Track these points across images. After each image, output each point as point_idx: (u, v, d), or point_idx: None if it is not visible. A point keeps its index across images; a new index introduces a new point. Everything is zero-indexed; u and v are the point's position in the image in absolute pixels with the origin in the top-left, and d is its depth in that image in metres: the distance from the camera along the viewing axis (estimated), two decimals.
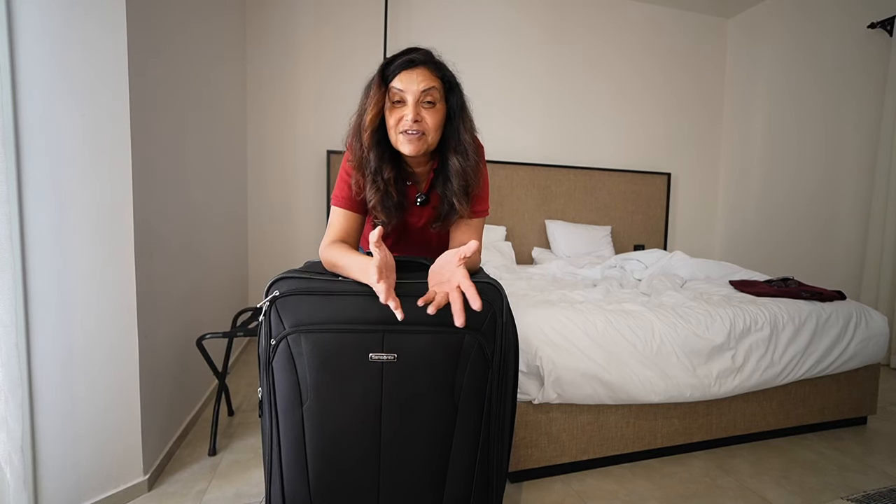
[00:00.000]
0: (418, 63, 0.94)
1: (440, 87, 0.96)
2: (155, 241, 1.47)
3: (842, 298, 1.90)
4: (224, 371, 1.76)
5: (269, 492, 0.87)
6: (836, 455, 1.72)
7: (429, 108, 0.95)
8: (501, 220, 3.35)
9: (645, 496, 1.45)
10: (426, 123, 0.95)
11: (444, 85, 0.98)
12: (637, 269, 2.51)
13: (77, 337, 1.24)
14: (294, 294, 0.84)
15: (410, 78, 0.93)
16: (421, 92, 0.93)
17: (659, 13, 3.68)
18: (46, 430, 1.20)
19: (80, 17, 1.19)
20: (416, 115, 0.93)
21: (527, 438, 1.47)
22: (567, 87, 3.52)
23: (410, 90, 0.93)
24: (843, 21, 3.01)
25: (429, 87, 0.94)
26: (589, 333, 1.49)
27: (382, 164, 0.98)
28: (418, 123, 0.94)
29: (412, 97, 0.93)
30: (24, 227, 1.13)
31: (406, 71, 0.93)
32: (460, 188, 1.01)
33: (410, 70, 0.93)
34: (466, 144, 1.01)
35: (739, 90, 3.78)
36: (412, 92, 0.93)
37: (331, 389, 0.82)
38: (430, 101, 0.95)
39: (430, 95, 0.94)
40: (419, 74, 0.93)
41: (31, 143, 1.13)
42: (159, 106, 1.50)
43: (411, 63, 0.93)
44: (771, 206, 3.50)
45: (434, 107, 0.96)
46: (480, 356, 0.86)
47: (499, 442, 0.92)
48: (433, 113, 0.96)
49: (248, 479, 1.48)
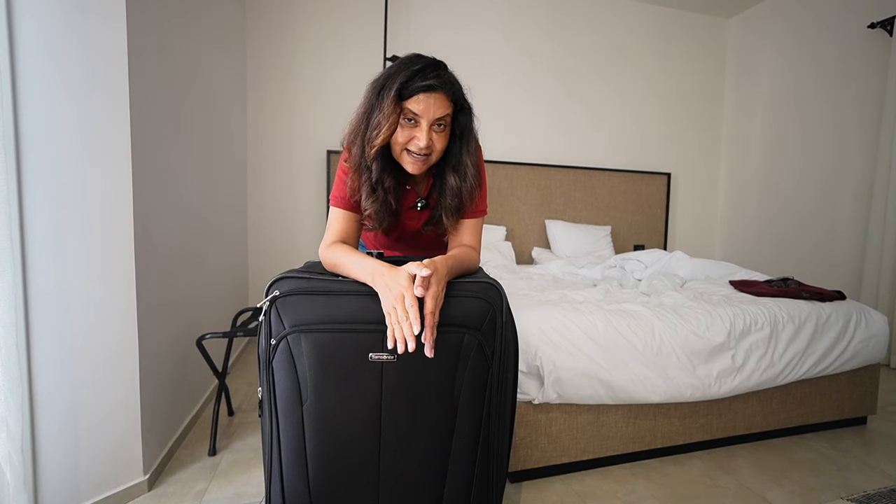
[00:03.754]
0: (437, 88, 0.93)
1: (452, 112, 0.97)
2: (155, 240, 1.47)
3: (842, 298, 1.90)
4: (224, 371, 1.76)
5: (269, 492, 0.87)
6: (836, 455, 1.72)
7: (439, 132, 0.96)
8: (501, 220, 3.35)
9: (645, 496, 1.45)
10: (434, 147, 0.96)
11: (455, 108, 0.98)
12: (637, 269, 2.51)
13: (77, 337, 1.24)
14: (294, 294, 0.84)
15: (428, 103, 0.92)
16: (435, 119, 0.93)
17: (659, 13, 3.68)
18: (46, 430, 1.20)
19: (80, 17, 1.19)
20: (429, 142, 0.94)
21: (527, 438, 1.47)
22: (567, 87, 3.53)
23: (426, 116, 0.92)
24: (844, 21, 3.01)
25: (444, 115, 0.94)
26: (589, 333, 1.49)
27: (384, 175, 0.98)
28: (428, 147, 0.94)
29: (426, 122, 0.93)
30: (24, 227, 1.13)
31: (425, 94, 0.92)
32: (452, 204, 1.03)
33: (429, 94, 0.92)
34: (466, 167, 1.01)
35: (739, 90, 3.78)
36: (428, 117, 0.93)
37: (331, 389, 0.82)
38: (441, 125, 0.95)
39: (443, 120, 0.95)
40: (437, 100, 0.93)
41: (31, 143, 1.13)
42: (159, 106, 1.50)
43: (430, 88, 0.92)
44: (771, 205, 3.50)
45: (444, 130, 0.96)
46: (480, 356, 0.86)
47: (499, 442, 0.92)
48: (442, 136, 0.97)
49: (248, 479, 1.48)
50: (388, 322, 0.78)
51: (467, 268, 0.97)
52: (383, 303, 0.79)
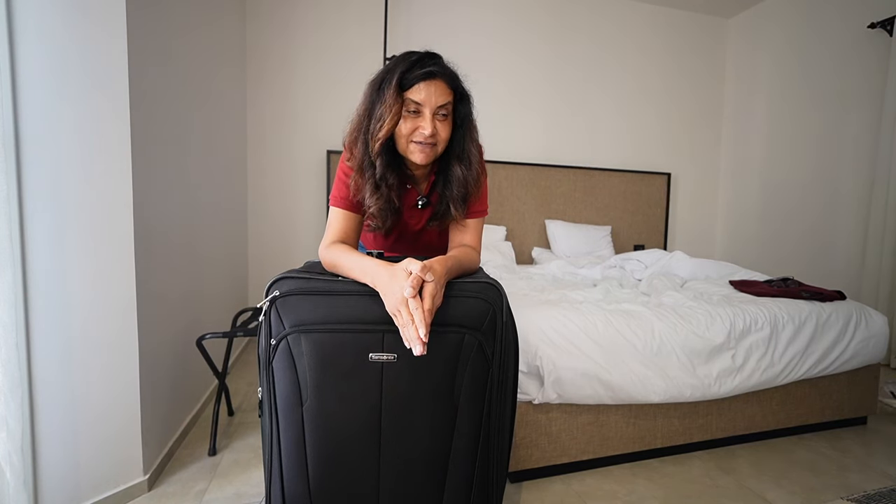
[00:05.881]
0: (437, 75, 0.94)
1: (452, 99, 0.98)
2: (155, 241, 1.47)
3: (842, 298, 1.90)
4: (224, 371, 1.76)
5: (269, 492, 0.87)
6: (836, 455, 1.72)
7: (442, 120, 0.97)
8: (501, 220, 3.35)
9: (645, 496, 1.45)
10: (439, 135, 0.97)
11: (455, 96, 0.99)
12: (637, 269, 2.51)
13: (77, 337, 1.24)
14: (294, 294, 0.84)
15: (429, 91, 0.93)
16: (438, 106, 0.94)
17: (659, 13, 3.68)
18: (46, 430, 1.20)
19: (80, 17, 1.19)
20: (434, 129, 0.94)
21: (527, 438, 1.47)
22: (567, 87, 3.52)
23: (429, 103, 0.93)
24: (843, 21, 3.01)
25: (445, 102, 0.95)
26: (589, 333, 1.49)
27: (387, 172, 0.99)
28: (433, 136, 0.95)
29: (429, 110, 0.94)
30: (24, 227, 1.13)
31: (425, 83, 0.93)
32: (459, 195, 1.03)
33: (429, 82, 0.93)
34: (470, 154, 1.03)
35: (739, 90, 3.78)
36: (430, 105, 0.94)
37: (331, 389, 0.82)
38: (444, 113, 0.96)
39: (445, 108, 0.96)
40: (437, 88, 0.94)
41: (32, 143, 1.13)
42: (159, 106, 1.50)
43: (431, 75, 0.93)
44: (771, 205, 3.50)
45: (446, 118, 0.98)
46: (480, 356, 0.86)
47: (499, 442, 0.92)
48: (445, 124, 0.98)
49: (248, 479, 1.48)
50: (396, 324, 0.78)
51: (467, 268, 0.97)
52: (387, 305, 0.79)
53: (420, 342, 0.74)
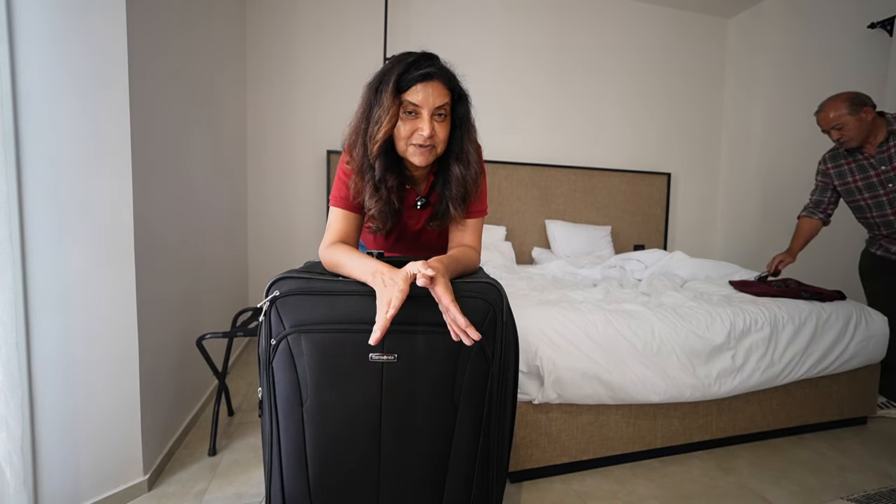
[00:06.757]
0: (434, 76, 0.93)
1: (450, 100, 0.97)
2: (155, 241, 1.47)
3: (842, 298, 1.90)
4: (224, 371, 1.76)
5: (269, 492, 0.87)
6: (836, 455, 1.72)
7: (440, 121, 0.96)
8: (501, 220, 3.35)
9: (645, 496, 1.45)
10: (437, 136, 0.96)
11: (453, 96, 0.98)
12: (637, 269, 2.51)
13: (77, 337, 1.24)
14: (294, 294, 0.84)
15: (427, 92, 0.93)
16: (435, 107, 0.94)
17: (659, 13, 3.68)
18: (46, 430, 1.20)
19: (80, 16, 1.19)
20: (432, 131, 0.94)
21: (527, 438, 1.47)
22: (567, 87, 3.52)
23: (427, 105, 0.93)
24: (843, 21, 3.00)
25: (443, 103, 0.95)
26: (589, 333, 1.49)
27: (387, 174, 0.99)
28: (432, 137, 0.95)
29: (427, 111, 0.93)
30: (24, 227, 1.13)
31: (422, 84, 0.92)
32: (458, 194, 1.03)
33: (426, 84, 0.93)
34: (468, 154, 1.02)
35: (739, 89, 3.77)
36: (428, 106, 0.93)
37: (331, 389, 0.82)
38: (442, 114, 0.96)
39: (442, 109, 0.95)
40: (435, 89, 0.93)
41: (32, 143, 1.13)
42: (159, 106, 1.50)
43: (428, 76, 0.93)
44: (771, 205, 3.50)
45: (444, 119, 0.97)
46: (480, 356, 0.86)
47: (499, 442, 0.92)
48: (444, 125, 0.97)
49: (248, 479, 1.48)
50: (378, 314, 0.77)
51: (467, 268, 0.97)
52: (378, 300, 0.78)
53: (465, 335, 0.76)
